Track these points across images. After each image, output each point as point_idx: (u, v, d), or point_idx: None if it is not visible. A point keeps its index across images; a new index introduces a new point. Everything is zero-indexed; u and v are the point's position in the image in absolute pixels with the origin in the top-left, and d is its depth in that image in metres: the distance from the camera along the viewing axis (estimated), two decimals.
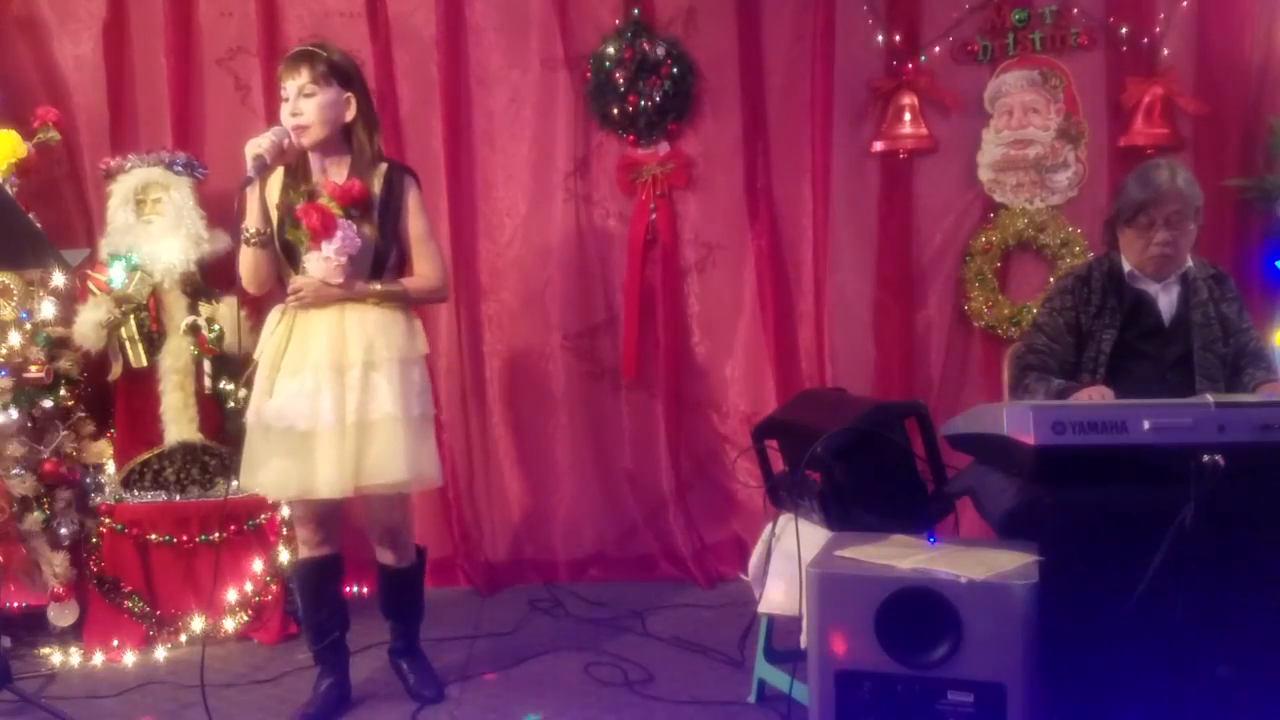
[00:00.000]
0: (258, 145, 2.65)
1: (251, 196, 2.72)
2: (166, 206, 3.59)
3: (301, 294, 2.73)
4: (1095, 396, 2.59)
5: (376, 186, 2.80)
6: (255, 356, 2.83)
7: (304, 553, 2.93)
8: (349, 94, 2.77)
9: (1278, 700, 2.09)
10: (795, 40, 4.10)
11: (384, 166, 2.84)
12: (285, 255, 2.79)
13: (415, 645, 3.09)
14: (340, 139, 2.80)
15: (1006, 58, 4.03)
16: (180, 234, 3.58)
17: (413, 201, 2.86)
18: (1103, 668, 2.10)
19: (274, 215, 2.77)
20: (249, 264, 2.76)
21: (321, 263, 2.70)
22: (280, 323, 2.80)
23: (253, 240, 2.73)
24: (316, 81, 2.71)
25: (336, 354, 2.73)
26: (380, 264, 2.81)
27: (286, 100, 2.75)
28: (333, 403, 2.71)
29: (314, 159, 2.80)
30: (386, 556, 2.98)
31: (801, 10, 4.08)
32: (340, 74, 2.76)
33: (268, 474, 2.77)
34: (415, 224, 2.86)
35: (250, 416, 2.81)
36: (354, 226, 2.71)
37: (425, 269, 2.88)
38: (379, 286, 2.79)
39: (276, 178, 2.79)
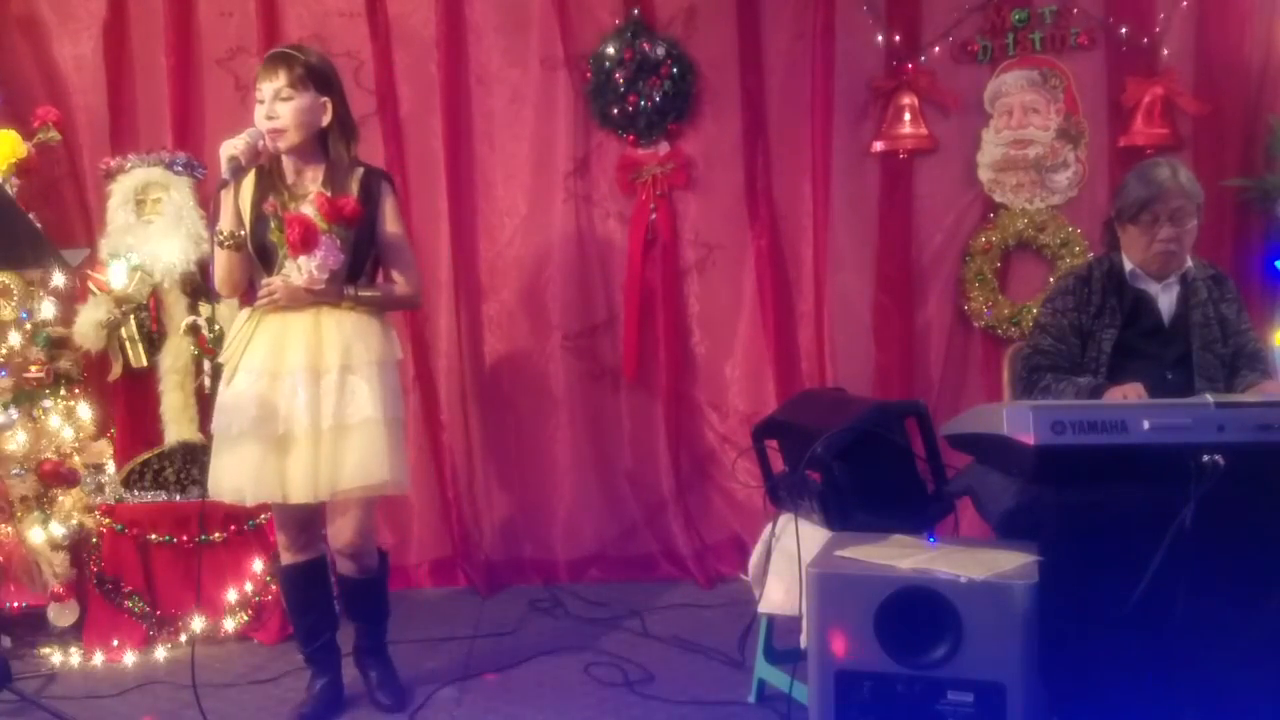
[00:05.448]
0: (233, 147, 2.60)
1: (226, 199, 2.67)
2: (166, 206, 3.59)
3: (275, 295, 2.68)
4: (1131, 395, 2.56)
5: (353, 192, 2.75)
6: (221, 360, 2.78)
7: (286, 559, 2.87)
8: (326, 99, 2.71)
9: (1277, 701, 2.09)
10: (795, 40, 4.10)
11: (360, 171, 2.79)
12: (259, 257, 2.74)
13: (381, 646, 3.02)
14: (315, 144, 2.74)
15: (1006, 58, 4.03)
16: (180, 234, 3.58)
17: (389, 207, 2.82)
18: (1102, 667, 2.10)
19: (246, 218, 2.72)
20: (222, 267, 2.71)
21: (300, 273, 2.66)
22: (246, 322, 2.74)
23: (226, 243, 2.67)
24: (294, 85, 2.66)
25: (313, 357, 2.68)
26: (357, 268, 2.77)
27: (262, 103, 2.68)
28: (307, 406, 2.66)
29: (287, 162, 2.75)
30: (348, 567, 2.88)
31: (801, 10, 4.07)
32: (318, 78, 2.70)
33: (233, 478, 2.70)
34: (391, 230, 2.82)
35: (215, 420, 2.75)
36: (337, 242, 2.65)
37: (400, 277, 2.85)
38: (354, 292, 2.74)
39: (247, 180, 2.73)
